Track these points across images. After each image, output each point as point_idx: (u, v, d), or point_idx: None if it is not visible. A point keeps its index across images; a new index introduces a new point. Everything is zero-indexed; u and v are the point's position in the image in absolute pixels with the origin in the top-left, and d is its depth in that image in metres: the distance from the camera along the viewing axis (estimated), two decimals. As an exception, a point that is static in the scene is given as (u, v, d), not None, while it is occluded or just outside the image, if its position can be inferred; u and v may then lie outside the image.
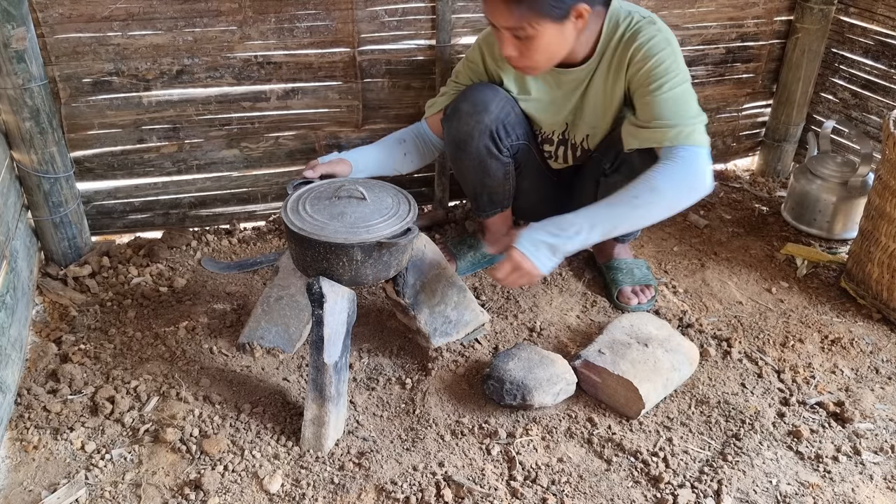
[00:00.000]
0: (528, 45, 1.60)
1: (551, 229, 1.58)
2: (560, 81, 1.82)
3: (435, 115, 1.94)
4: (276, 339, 1.78)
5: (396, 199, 1.63)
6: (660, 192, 1.59)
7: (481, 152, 1.85)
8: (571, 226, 1.57)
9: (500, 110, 1.82)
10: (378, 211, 1.57)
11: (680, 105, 1.65)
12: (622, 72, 1.71)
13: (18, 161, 1.90)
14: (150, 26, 1.96)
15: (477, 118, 1.80)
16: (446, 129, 1.88)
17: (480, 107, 1.81)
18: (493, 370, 1.64)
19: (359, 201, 1.59)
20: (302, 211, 1.57)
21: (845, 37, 2.49)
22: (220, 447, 1.50)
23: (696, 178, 1.62)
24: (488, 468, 1.50)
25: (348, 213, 1.55)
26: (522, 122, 1.90)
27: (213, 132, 2.16)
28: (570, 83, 1.81)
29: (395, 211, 1.58)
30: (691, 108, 1.66)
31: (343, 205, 1.58)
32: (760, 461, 1.53)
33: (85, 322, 1.87)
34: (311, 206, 1.58)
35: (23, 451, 1.50)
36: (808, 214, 2.36)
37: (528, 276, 1.58)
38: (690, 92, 1.68)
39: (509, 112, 1.84)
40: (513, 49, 1.62)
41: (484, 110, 1.81)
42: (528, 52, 1.62)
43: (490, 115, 1.81)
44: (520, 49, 1.62)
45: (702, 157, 1.63)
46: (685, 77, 1.67)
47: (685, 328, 1.93)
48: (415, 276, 1.73)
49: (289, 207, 1.59)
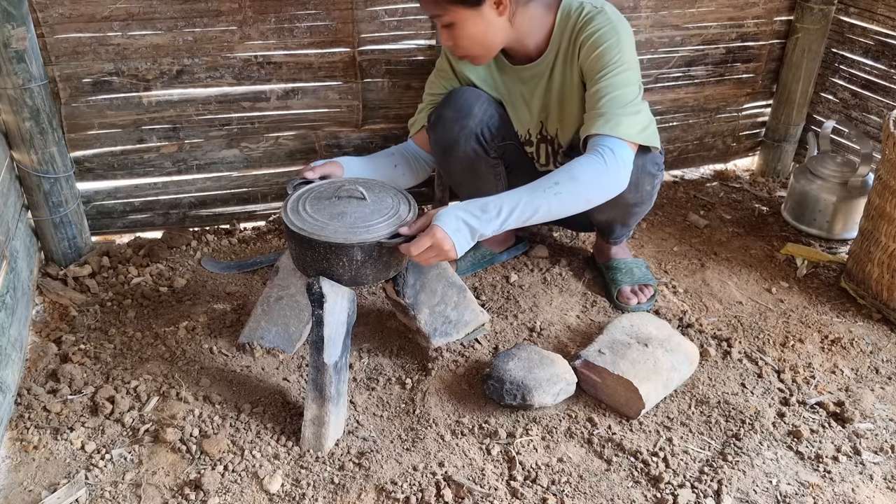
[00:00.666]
0: (455, 33, 1.66)
1: (474, 210, 1.52)
2: (522, 78, 1.83)
3: (419, 133, 1.95)
4: (276, 339, 1.78)
5: (397, 200, 1.63)
6: (579, 183, 1.57)
7: (469, 156, 1.85)
8: (493, 209, 1.52)
9: (484, 113, 1.83)
10: (378, 211, 1.57)
11: (614, 94, 1.63)
12: (575, 62, 1.72)
13: (18, 161, 1.90)
14: (150, 26, 1.96)
15: (461, 123, 1.81)
16: (432, 137, 1.88)
17: (464, 111, 1.81)
18: (493, 370, 1.65)
19: (359, 201, 1.59)
20: (302, 211, 1.57)
21: (845, 37, 2.49)
22: (220, 447, 1.50)
23: (612, 174, 1.60)
24: (488, 468, 1.50)
25: (348, 213, 1.55)
26: (507, 123, 1.91)
27: (213, 132, 2.16)
28: (532, 79, 1.82)
29: (395, 211, 1.58)
30: (625, 97, 1.63)
31: (343, 205, 1.58)
32: (760, 461, 1.53)
33: (85, 322, 1.87)
34: (312, 206, 1.58)
35: (23, 451, 1.50)
36: (808, 214, 2.36)
37: (445, 256, 1.53)
38: (631, 83, 1.66)
39: (493, 114, 1.85)
40: (447, 38, 1.69)
41: (468, 114, 1.81)
42: (457, 41, 1.68)
43: (474, 119, 1.81)
44: (451, 38, 1.68)
45: (621, 152, 1.60)
46: (628, 67, 1.65)
47: (685, 328, 1.93)
48: (415, 276, 1.73)
49: (289, 207, 1.58)
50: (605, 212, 1.85)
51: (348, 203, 1.58)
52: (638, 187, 1.79)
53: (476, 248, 2.11)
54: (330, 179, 1.71)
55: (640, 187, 1.81)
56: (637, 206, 1.87)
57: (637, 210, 1.89)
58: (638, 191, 1.80)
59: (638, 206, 1.88)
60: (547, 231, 2.32)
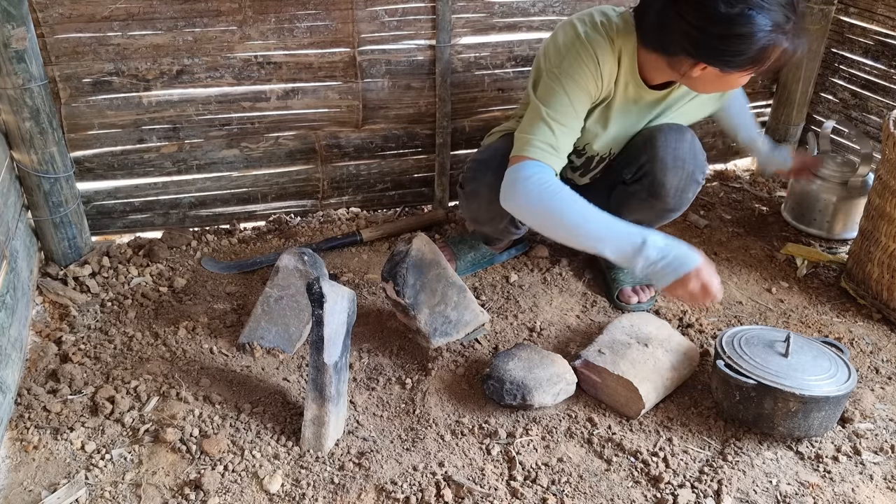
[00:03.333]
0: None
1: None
2: (648, 103, 1.76)
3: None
4: (276, 339, 1.78)
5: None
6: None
7: (499, 230, 1.93)
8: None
9: None
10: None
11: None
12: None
13: (18, 161, 1.90)
14: (150, 26, 1.96)
15: (499, 209, 1.64)
16: (468, 201, 1.89)
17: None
18: (493, 370, 1.64)
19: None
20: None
21: (845, 37, 2.49)
22: (220, 447, 1.50)
23: (504, 187, 1.59)
24: (488, 468, 1.50)
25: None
26: None
27: (213, 132, 2.16)
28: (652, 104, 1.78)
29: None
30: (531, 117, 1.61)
31: None
32: (760, 461, 1.53)
33: (85, 322, 1.87)
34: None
35: (23, 451, 1.50)
36: (808, 214, 2.36)
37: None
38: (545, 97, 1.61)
39: None
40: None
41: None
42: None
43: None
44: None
45: (511, 172, 1.58)
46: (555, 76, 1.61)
47: (685, 328, 1.93)
48: (415, 276, 1.73)
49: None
50: (638, 213, 1.84)
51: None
52: (683, 194, 1.80)
53: (476, 248, 2.11)
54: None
55: (685, 194, 1.81)
56: (673, 212, 1.86)
57: (671, 215, 1.88)
58: (682, 197, 1.81)
59: (674, 213, 1.87)
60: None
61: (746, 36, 1.39)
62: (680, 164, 1.76)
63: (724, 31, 1.40)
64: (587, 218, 1.53)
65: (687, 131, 1.79)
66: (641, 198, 1.81)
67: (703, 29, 1.42)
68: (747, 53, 1.42)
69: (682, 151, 1.75)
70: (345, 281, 2.08)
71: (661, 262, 1.50)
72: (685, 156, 1.76)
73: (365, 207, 2.44)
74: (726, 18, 1.38)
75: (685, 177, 1.77)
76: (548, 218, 1.55)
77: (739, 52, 1.42)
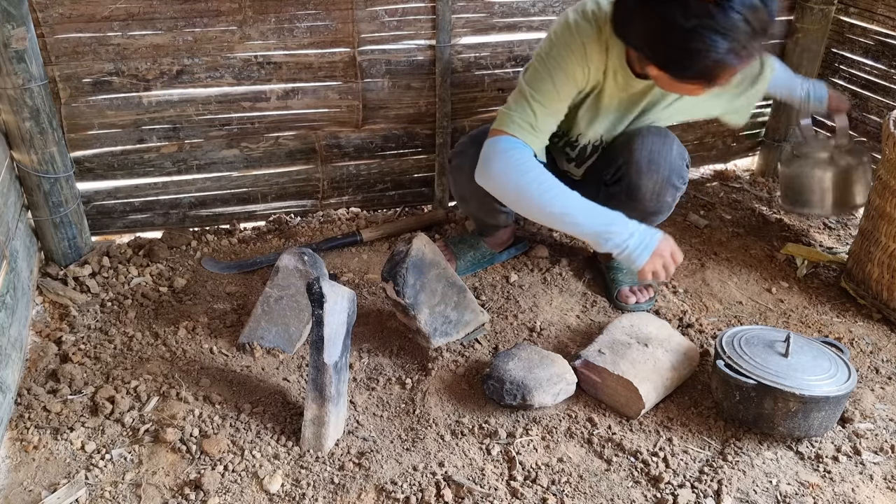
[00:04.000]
0: None
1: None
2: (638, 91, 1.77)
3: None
4: (276, 339, 1.78)
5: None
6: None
7: (485, 209, 1.94)
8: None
9: None
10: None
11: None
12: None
13: (18, 161, 1.90)
14: (150, 26, 1.96)
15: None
16: (454, 176, 1.92)
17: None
18: (493, 370, 1.64)
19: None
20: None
21: (845, 37, 2.49)
22: (220, 447, 1.50)
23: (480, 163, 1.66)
24: (488, 468, 1.50)
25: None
26: None
27: (213, 132, 2.16)
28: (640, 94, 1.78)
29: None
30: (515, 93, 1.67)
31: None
32: (760, 461, 1.53)
33: (85, 322, 1.87)
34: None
35: (23, 451, 1.50)
36: (801, 197, 2.28)
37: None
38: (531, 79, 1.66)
39: None
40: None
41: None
42: None
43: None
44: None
45: (489, 145, 1.65)
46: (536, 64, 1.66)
47: (685, 328, 1.93)
48: (415, 276, 1.73)
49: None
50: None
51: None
52: (660, 197, 1.81)
53: (476, 248, 2.11)
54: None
55: (662, 198, 1.82)
56: (655, 216, 1.87)
57: (654, 219, 1.89)
58: (659, 200, 1.82)
59: (655, 216, 1.88)
60: (547, 231, 2.32)
61: (698, 52, 1.38)
62: (654, 168, 1.77)
63: (678, 43, 1.40)
64: (558, 194, 1.60)
65: (668, 135, 1.80)
66: (621, 199, 1.83)
67: (659, 35, 1.43)
68: (696, 69, 1.43)
69: (659, 155, 1.77)
70: (345, 281, 2.08)
71: (631, 240, 1.58)
72: (660, 160, 1.77)
73: (365, 207, 2.44)
74: (682, 31, 1.37)
75: (660, 181, 1.78)
76: (522, 191, 1.61)
77: (690, 66, 1.43)
